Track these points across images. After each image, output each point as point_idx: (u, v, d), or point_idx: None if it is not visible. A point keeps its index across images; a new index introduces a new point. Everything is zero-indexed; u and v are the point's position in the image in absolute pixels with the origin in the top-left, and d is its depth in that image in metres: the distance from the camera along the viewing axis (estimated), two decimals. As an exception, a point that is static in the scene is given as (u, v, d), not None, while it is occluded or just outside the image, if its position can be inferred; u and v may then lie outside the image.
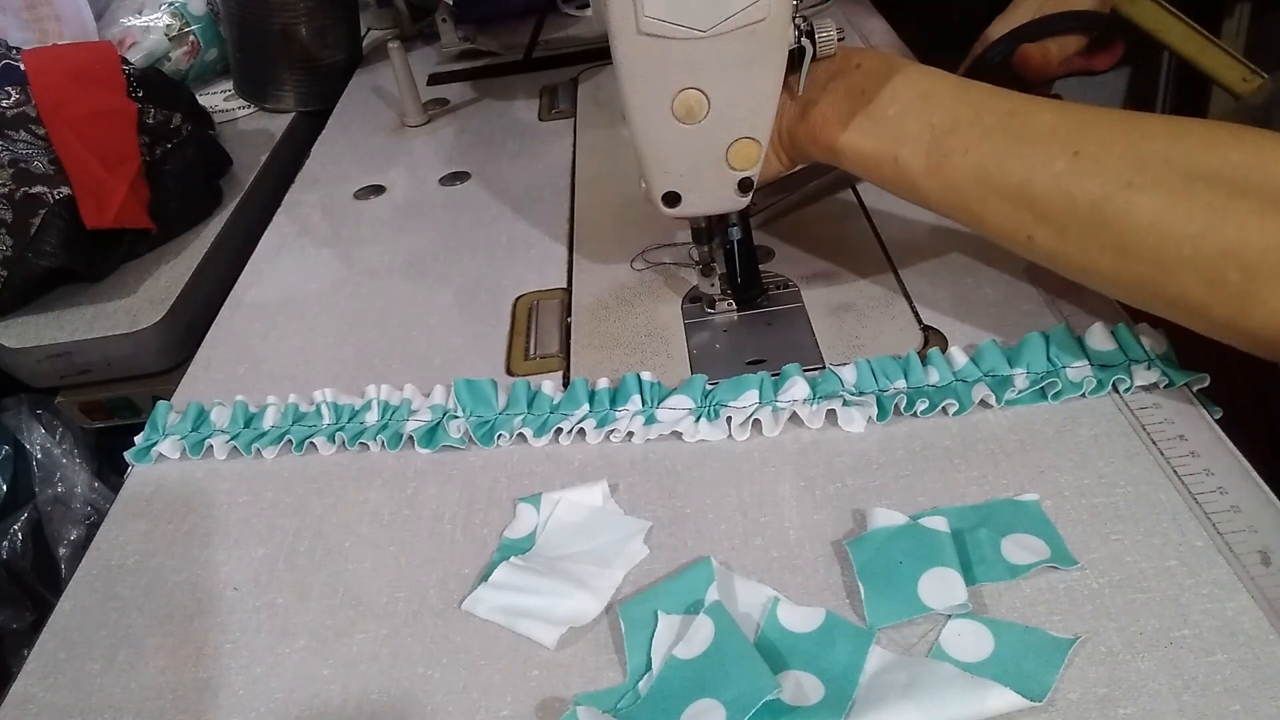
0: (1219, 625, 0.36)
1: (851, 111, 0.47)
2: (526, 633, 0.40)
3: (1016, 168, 0.42)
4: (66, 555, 0.80)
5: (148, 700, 0.40)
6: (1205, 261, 0.38)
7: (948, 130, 0.44)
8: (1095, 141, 0.41)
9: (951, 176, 0.44)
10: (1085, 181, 0.41)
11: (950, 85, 0.46)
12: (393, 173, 0.82)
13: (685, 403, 0.49)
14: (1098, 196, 0.40)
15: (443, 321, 0.61)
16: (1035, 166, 0.42)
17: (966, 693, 0.34)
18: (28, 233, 0.70)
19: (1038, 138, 0.42)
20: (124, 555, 0.48)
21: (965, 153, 0.44)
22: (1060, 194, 0.41)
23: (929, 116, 0.45)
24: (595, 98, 0.90)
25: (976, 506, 0.42)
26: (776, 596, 0.39)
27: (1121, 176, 0.40)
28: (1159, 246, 0.39)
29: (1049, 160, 0.42)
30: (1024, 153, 0.42)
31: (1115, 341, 0.48)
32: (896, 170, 0.46)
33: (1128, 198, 0.40)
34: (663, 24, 0.43)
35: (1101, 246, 0.41)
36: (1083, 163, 0.41)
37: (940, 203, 0.46)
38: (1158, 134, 0.40)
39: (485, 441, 0.50)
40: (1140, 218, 0.39)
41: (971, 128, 0.44)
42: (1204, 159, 0.38)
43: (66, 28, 0.96)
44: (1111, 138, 0.41)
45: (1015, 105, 0.44)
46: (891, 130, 0.46)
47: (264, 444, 0.52)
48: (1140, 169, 0.39)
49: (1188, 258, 0.38)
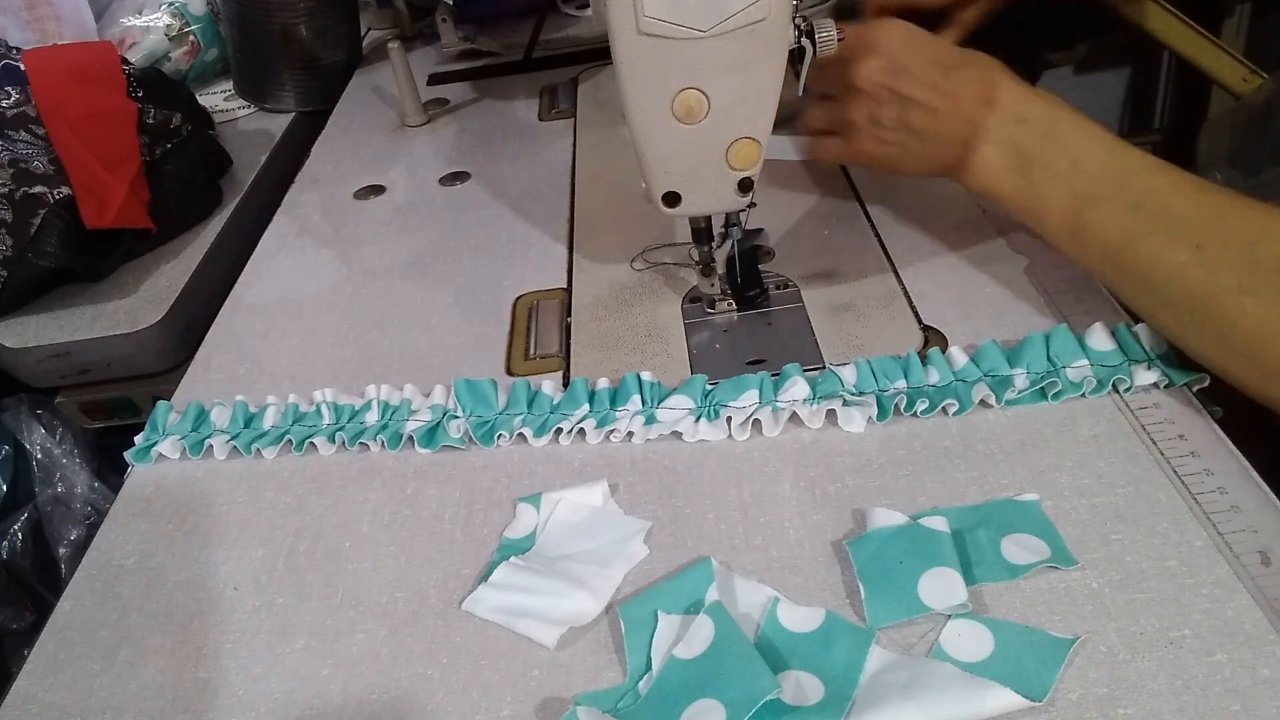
0: (1219, 625, 0.36)
1: (1008, 165, 0.49)
2: (526, 633, 0.40)
3: (1145, 251, 0.45)
4: (66, 555, 0.80)
5: (148, 700, 0.40)
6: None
7: (1088, 202, 0.47)
8: (1218, 237, 0.42)
9: (1087, 248, 0.47)
10: (1202, 276, 0.42)
11: (1101, 153, 0.47)
12: (393, 173, 0.82)
13: (685, 403, 0.49)
14: (1210, 293, 0.42)
15: (443, 321, 0.61)
16: (1160, 253, 0.44)
17: (966, 693, 0.34)
18: (28, 233, 0.70)
19: (1169, 223, 0.44)
20: (124, 555, 0.48)
21: (1102, 227, 0.46)
22: (1179, 284, 0.43)
23: (1076, 186, 0.47)
24: (595, 98, 0.90)
25: (976, 506, 0.42)
26: (776, 596, 0.39)
27: (1234, 277, 0.41)
28: (1265, 352, 0.41)
29: (1173, 250, 0.43)
30: (1153, 238, 0.44)
31: (1115, 341, 0.48)
32: (1041, 228, 0.50)
33: (1237, 301, 0.41)
34: (663, 24, 0.43)
35: (1213, 341, 0.43)
36: (1203, 256, 0.42)
37: (1079, 265, 0.50)
38: (1277, 237, 0.41)
39: (485, 441, 0.50)
40: (1246, 323, 0.41)
41: (1111, 204, 0.46)
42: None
43: (66, 28, 0.96)
44: (1234, 234, 0.42)
45: (1156, 185, 0.45)
46: (1040, 193, 0.49)
47: (264, 444, 0.52)
48: (1253, 271, 0.41)
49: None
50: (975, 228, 0.60)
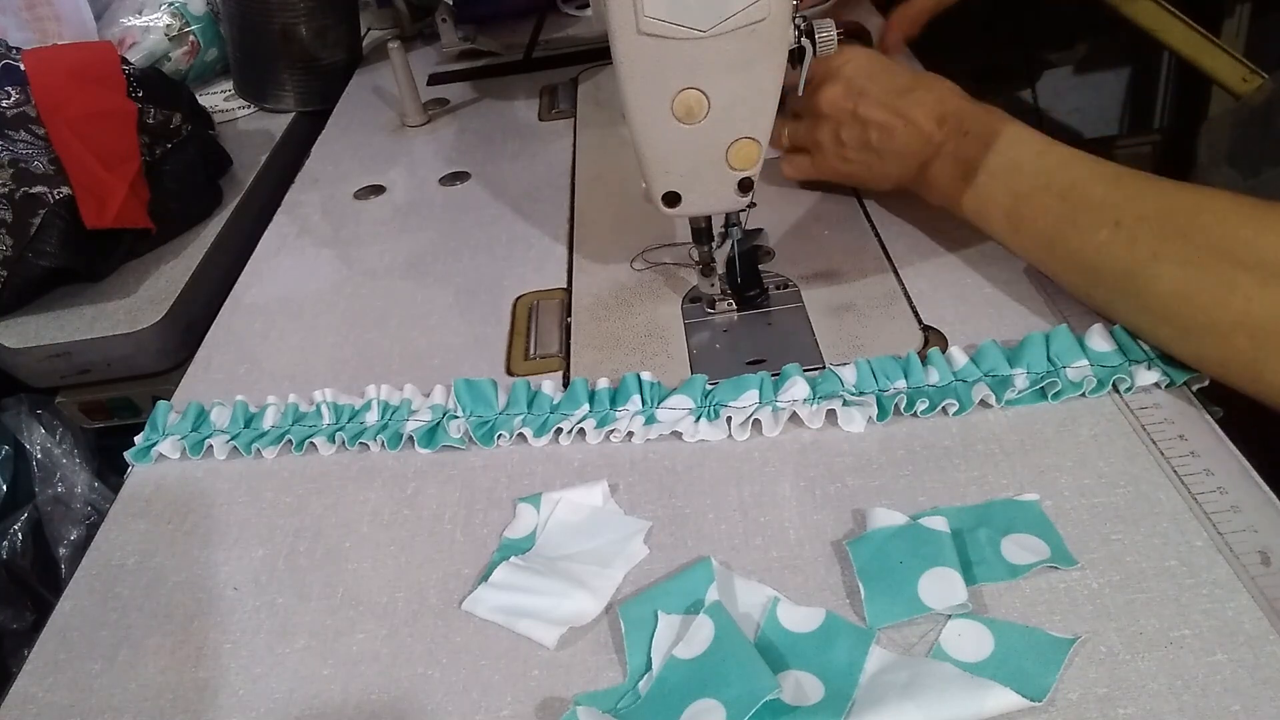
0: (1219, 625, 0.36)
1: (960, 176, 0.54)
2: (526, 633, 0.40)
3: (1071, 236, 0.48)
4: (66, 555, 0.80)
5: (148, 700, 0.40)
6: (1219, 330, 0.42)
7: (1023, 198, 0.51)
8: (1133, 214, 0.46)
9: (1025, 240, 0.52)
10: (1120, 251, 0.46)
11: (1033, 154, 0.51)
12: (393, 173, 0.82)
13: (685, 403, 0.49)
14: (1129, 266, 0.45)
15: (443, 321, 0.61)
16: (1085, 236, 0.47)
17: (966, 693, 0.34)
18: (28, 233, 0.70)
19: (1090, 208, 0.47)
20: (124, 555, 0.48)
21: (1034, 218, 0.50)
22: (1103, 260, 0.47)
23: (1012, 184, 0.51)
24: (595, 98, 0.90)
25: (976, 506, 0.42)
26: (776, 596, 0.39)
27: (1149, 248, 0.44)
28: (1180, 313, 0.44)
29: (1095, 230, 0.47)
30: (1078, 222, 0.48)
31: (1114, 341, 0.48)
32: (989, 229, 0.54)
33: (1152, 269, 0.44)
34: (663, 24, 0.43)
35: (1138, 309, 0.46)
36: (1120, 233, 0.46)
37: (1024, 258, 0.54)
38: (1185, 209, 0.44)
39: (485, 441, 0.50)
40: (1163, 287, 0.44)
41: (1041, 197, 0.50)
42: (1219, 234, 0.42)
43: (66, 28, 0.96)
44: (1147, 211, 0.45)
45: (1078, 174, 0.49)
46: (983, 195, 0.53)
47: (264, 444, 0.52)
48: (1164, 240, 0.44)
49: (1204, 325, 0.43)
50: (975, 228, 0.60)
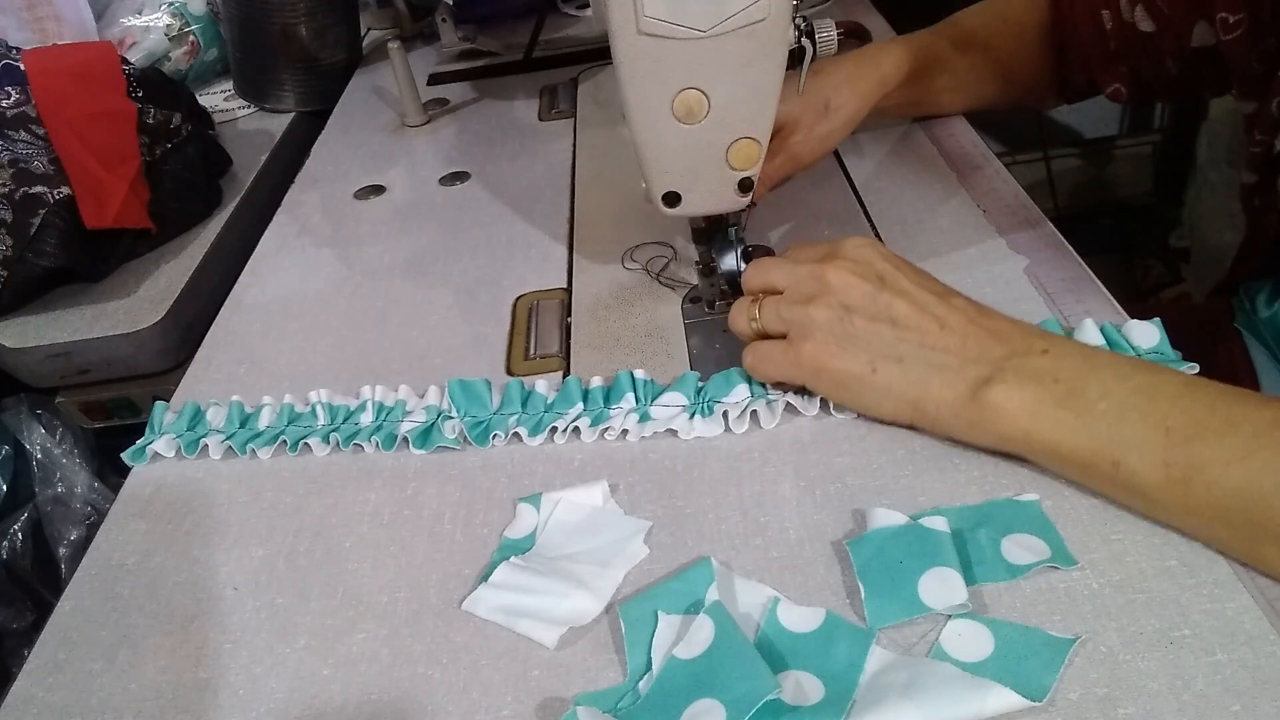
0: (1219, 625, 0.36)
1: (1042, 400, 0.40)
2: (526, 633, 0.40)
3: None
4: (66, 555, 0.80)
5: (148, 700, 0.40)
6: None
7: (1192, 436, 0.37)
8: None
9: (1206, 494, 0.37)
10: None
11: (1176, 383, 0.39)
12: (393, 173, 0.82)
13: (678, 400, 0.49)
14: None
15: (443, 321, 0.61)
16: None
17: (966, 693, 0.34)
18: (28, 233, 0.70)
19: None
20: (124, 555, 0.48)
21: (1226, 465, 0.36)
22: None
23: (1161, 418, 0.38)
24: (595, 98, 0.90)
25: (976, 506, 0.42)
26: (776, 596, 0.39)
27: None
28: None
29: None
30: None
31: (1103, 339, 0.47)
32: (1118, 474, 0.39)
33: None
34: (663, 24, 0.42)
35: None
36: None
37: (1179, 520, 0.39)
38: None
39: (480, 441, 0.50)
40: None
41: (1228, 437, 0.36)
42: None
43: (66, 28, 0.96)
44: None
45: (1277, 414, 0.36)
46: (1107, 429, 0.39)
47: (259, 444, 0.52)
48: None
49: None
50: (975, 227, 0.60)
